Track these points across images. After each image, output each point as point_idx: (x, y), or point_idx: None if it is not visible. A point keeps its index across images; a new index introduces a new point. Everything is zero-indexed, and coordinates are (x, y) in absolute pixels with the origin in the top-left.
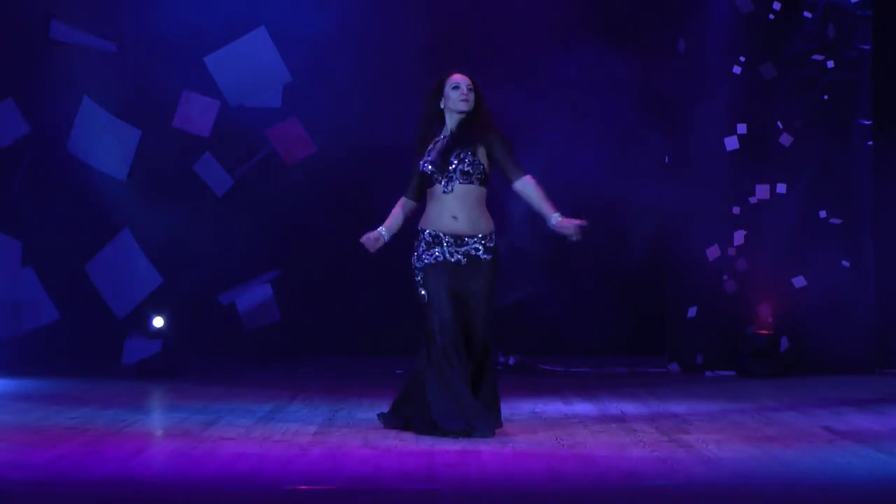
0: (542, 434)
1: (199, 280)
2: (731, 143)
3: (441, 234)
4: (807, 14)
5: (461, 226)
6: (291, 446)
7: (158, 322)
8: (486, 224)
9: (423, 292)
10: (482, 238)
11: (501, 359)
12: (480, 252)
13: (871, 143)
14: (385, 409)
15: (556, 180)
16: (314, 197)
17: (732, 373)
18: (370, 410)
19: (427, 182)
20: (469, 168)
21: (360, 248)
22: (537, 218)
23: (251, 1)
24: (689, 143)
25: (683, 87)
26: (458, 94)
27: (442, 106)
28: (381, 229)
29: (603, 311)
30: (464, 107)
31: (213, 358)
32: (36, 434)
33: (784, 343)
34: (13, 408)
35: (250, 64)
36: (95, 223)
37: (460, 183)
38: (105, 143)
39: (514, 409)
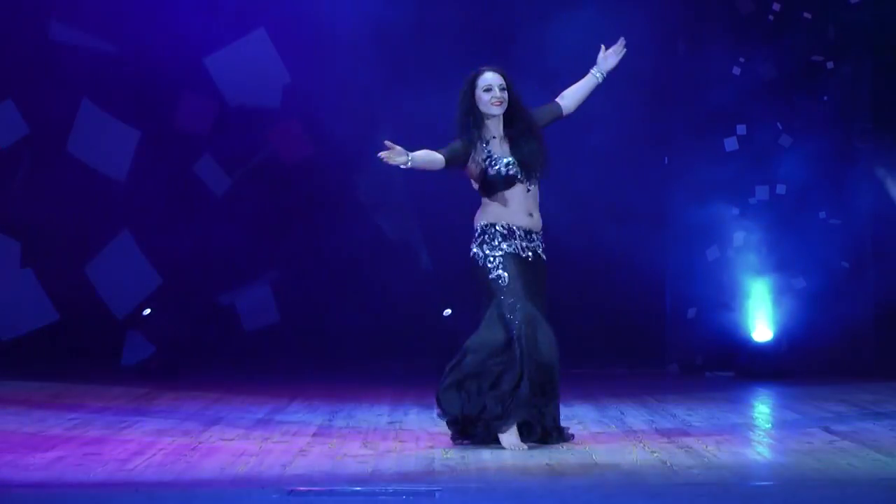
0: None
1: (199, 281)
2: (731, 143)
3: (515, 228)
4: (806, 15)
5: (535, 221)
6: (291, 447)
7: (164, 329)
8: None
9: (502, 274)
10: (541, 235)
11: None
12: (540, 250)
13: (870, 143)
14: (382, 411)
15: (555, 180)
16: (313, 198)
17: (731, 374)
18: (369, 411)
19: (501, 185)
20: (544, 160)
21: (377, 161)
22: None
23: (251, 2)
24: (689, 143)
25: (683, 87)
26: (489, 96)
27: (474, 107)
28: (409, 154)
29: (603, 312)
30: (496, 111)
31: (212, 359)
32: (35, 435)
33: (783, 344)
34: (12, 409)
35: (249, 65)
36: (95, 224)
37: (540, 177)
38: (104, 143)
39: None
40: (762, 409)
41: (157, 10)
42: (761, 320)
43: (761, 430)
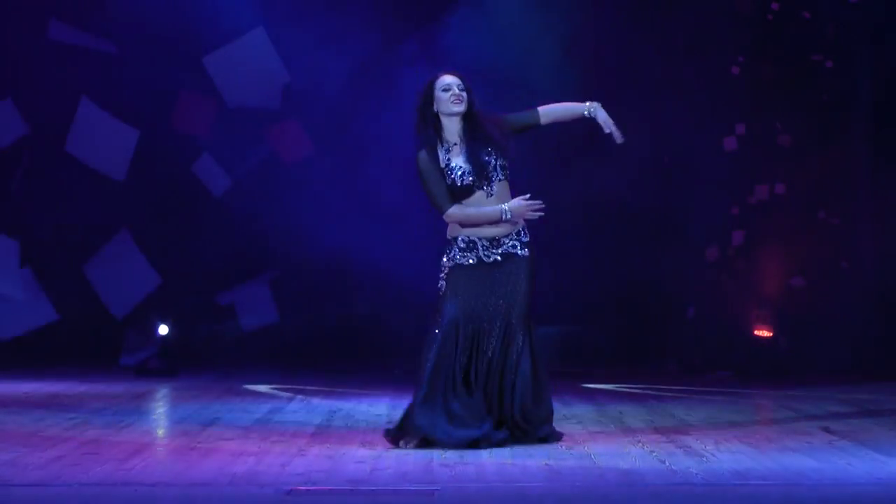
0: None
1: (198, 281)
2: (730, 143)
3: (476, 240)
4: (805, 14)
5: (500, 228)
6: (290, 447)
7: (163, 330)
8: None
9: (443, 284)
10: (516, 234)
11: None
12: (517, 248)
13: (870, 143)
14: (381, 411)
15: (555, 181)
16: (312, 197)
17: (731, 373)
18: (368, 411)
19: (461, 194)
20: (503, 161)
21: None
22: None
23: (250, 1)
24: (689, 143)
25: (682, 86)
26: (448, 95)
27: (436, 110)
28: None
29: (602, 312)
30: (456, 108)
31: (211, 358)
32: (34, 435)
33: (782, 343)
34: (11, 409)
35: (249, 65)
36: (94, 223)
37: (499, 180)
38: (103, 143)
39: None
40: (761, 408)
41: (156, 10)
42: (760, 320)
43: (760, 429)
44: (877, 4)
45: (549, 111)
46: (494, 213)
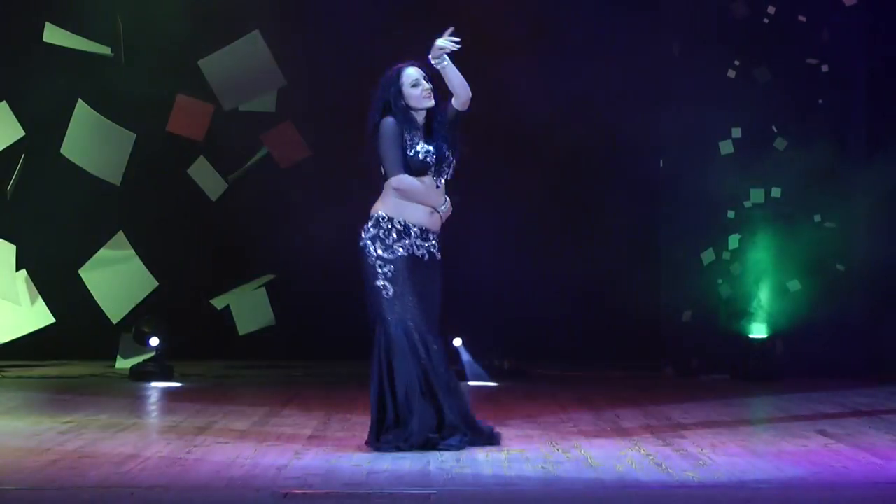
0: (538, 438)
1: (194, 284)
2: (726, 146)
3: (411, 225)
4: (801, 18)
5: (434, 221)
6: (286, 450)
7: (154, 342)
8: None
9: (387, 285)
10: (438, 237)
11: (496, 363)
12: (435, 250)
13: (865, 146)
14: None
15: (549, 183)
16: (308, 201)
17: (727, 376)
18: (364, 414)
19: (416, 171)
20: (455, 162)
21: None
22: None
23: (246, 4)
24: (685, 146)
25: (678, 90)
26: (420, 91)
27: (404, 104)
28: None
29: (598, 316)
30: (429, 103)
31: (207, 362)
32: (29, 439)
33: (779, 347)
34: (7, 412)
35: (244, 68)
36: (90, 227)
37: (448, 177)
38: (99, 146)
39: (510, 414)
40: (757, 411)
41: (152, 13)
42: (756, 323)
43: (756, 432)
44: (872, 8)
45: (453, 94)
46: (438, 198)
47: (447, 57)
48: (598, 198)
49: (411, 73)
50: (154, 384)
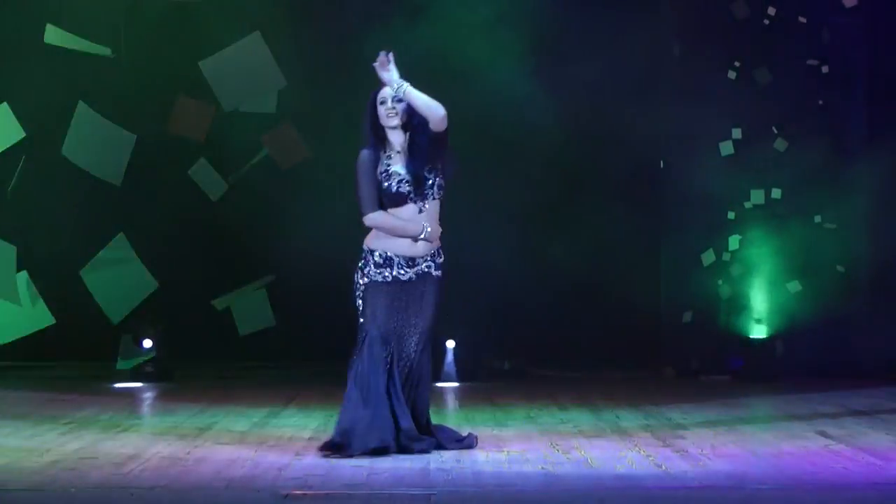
0: (537, 439)
1: (194, 285)
2: (726, 147)
3: (393, 257)
4: (801, 19)
5: (420, 248)
6: (286, 451)
7: (148, 343)
8: (437, 242)
9: (360, 303)
10: (433, 256)
11: (496, 364)
12: (432, 269)
13: (865, 147)
14: None
15: (549, 184)
16: (309, 202)
17: (727, 377)
18: None
19: (394, 201)
20: (442, 181)
21: None
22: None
23: (246, 6)
24: (685, 147)
25: (678, 91)
26: (384, 109)
27: (378, 123)
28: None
29: (598, 317)
30: (391, 122)
31: (207, 363)
32: (30, 440)
33: (779, 348)
34: (8, 413)
35: (245, 69)
36: (90, 228)
37: (433, 199)
38: (100, 147)
39: (509, 414)
40: (757, 412)
41: (153, 14)
42: (757, 324)
43: (756, 433)
44: (872, 9)
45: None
46: (416, 228)
47: (405, 84)
48: (599, 198)
49: (382, 92)
50: (154, 385)
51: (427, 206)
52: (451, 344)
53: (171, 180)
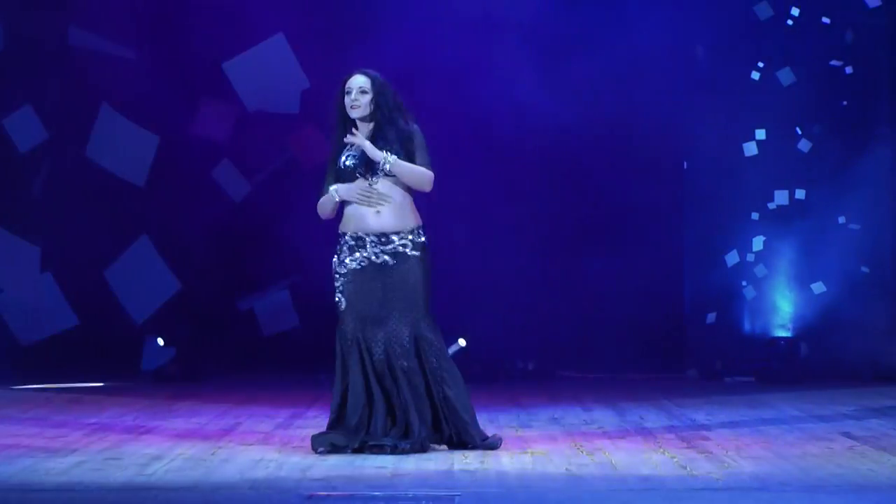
0: (561, 440)
1: (217, 286)
2: (750, 148)
3: (363, 236)
4: (825, 20)
5: (384, 220)
6: (310, 452)
7: (172, 344)
8: (413, 219)
9: (340, 298)
10: (409, 233)
11: (520, 365)
12: (408, 248)
13: (890, 148)
14: None
15: (573, 184)
16: None
17: (751, 379)
18: None
19: (345, 177)
20: (392, 154)
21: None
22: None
23: (270, 7)
24: (708, 148)
25: (702, 92)
26: (348, 99)
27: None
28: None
29: (622, 318)
30: (352, 114)
31: (231, 363)
32: (55, 440)
33: (803, 349)
34: (32, 413)
35: (268, 70)
36: (114, 229)
37: (385, 175)
38: (123, 149)
39: (533, 416)
40: (782, 414)
41: (176, 16)
42: (781, 325)
43: (780, 434)
44: (895, 9)
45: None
46: (329, 196)
47: (390, 156)
48: (622, 200)
49: (350, 81)
50: (178, 386)
51: (377, 181)
52: (462, 342)
53: (194, 181)
